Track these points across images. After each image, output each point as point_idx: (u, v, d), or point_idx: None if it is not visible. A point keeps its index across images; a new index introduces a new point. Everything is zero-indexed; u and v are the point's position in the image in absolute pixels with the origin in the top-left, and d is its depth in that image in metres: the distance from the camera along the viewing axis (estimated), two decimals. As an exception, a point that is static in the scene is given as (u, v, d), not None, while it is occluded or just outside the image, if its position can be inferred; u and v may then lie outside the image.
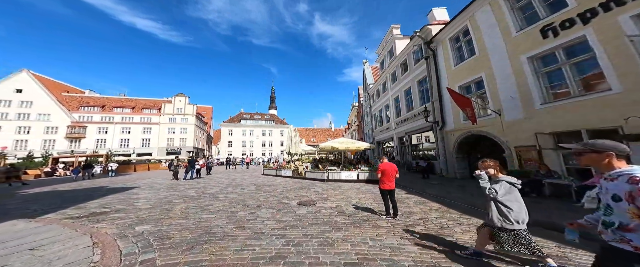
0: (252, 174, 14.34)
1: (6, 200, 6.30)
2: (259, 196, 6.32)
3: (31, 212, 4.63)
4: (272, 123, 59.67)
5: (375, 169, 8.71)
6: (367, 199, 5.75)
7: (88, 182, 10.81)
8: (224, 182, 9.50)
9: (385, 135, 16.95)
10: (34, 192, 7.79)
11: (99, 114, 36.78)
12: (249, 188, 7.81)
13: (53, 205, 5.26)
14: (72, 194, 7.00)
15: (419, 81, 11.68)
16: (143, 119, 39.58)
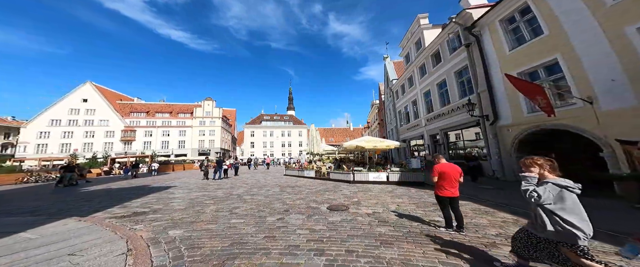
0: (274, 174, 14.41)
1: (69, 197, 7.12)
2: (285, 198, 6.04)
3: (84, 210, 5.01)
4: (290, 124, 60.83)
5: (409, 169, 8.19)
6: (407, 204, 4.97)
7: (135, 181, 12.01)
8: (249, 183, 9.55)
9: (412, 133, 15.48)
10: (92, 189, 8.80)
11: (144, 119, 41.86)
12: (274, 190, 7.63)
13: (103, 203, 5.69)
14: (121, 193, 7.64)
15: (457, 72, 10.22)
16: (179, 123, 43.86)
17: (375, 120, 33.14)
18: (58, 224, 3.29)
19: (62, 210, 5.08)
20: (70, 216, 4.10)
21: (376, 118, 32.50)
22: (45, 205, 5.70)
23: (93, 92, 38.78)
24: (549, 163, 1.78)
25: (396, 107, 19.37)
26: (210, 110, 46.38)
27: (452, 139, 11.42)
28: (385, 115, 25.35)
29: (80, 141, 36.84)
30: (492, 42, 7.65)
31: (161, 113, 44.04)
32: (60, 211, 5.03)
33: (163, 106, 46.58)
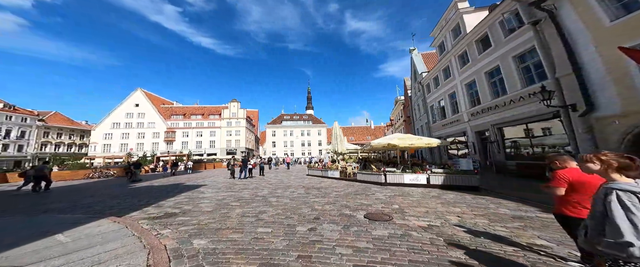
0: (296, 174, 14.10)
1: (120, 193, 7.72)
2: (312, 202, 5.49)
3: (125, 208, 5.16)
4: (309, 123, 61.00)
5: (457, 171, 6.59)
6: (471, 216, 3.92)
7: (173, 178, 12.98)
8: (272, 183, 9.29)
9: (450, 129, 13.49)
10: (139, 186, 9.58)
11: (182, 120, 46.62)
12: (299, 191, 7.15)
13: (141, 201, 5.88)
14: (159, 191, 8.05)
15: (518, 56, 8.36)
16: (209, 124, 47.69)
17: (400, 118, 30.68)
18: (94, 225, 3.23)
19: (107, 208, 5.34)
20: (110, 215, 4.19)
21: (401, 115, 30.05)
22: (97, 201, 6.16)
23: (142, 97, 44.70)
24: (621, 161, 1.26)
25: (427, 102, 17.32)
26: (235, 112, 49.32)
27: (508, 135, 9.38)
28: (412, 112, 23.12)
29: (134, 141, 42.82)
30: (577, 14, 5.79)
31: (195, 115, 48.46)
32: (106, 208, 5.29)
33: (196, 108, 51.25)
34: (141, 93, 44.91)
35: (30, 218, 3.94)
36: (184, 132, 45.63)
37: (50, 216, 4.03)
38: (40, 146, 38.72)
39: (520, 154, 8.68)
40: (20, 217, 4.11)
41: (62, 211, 4.92)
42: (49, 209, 5.30)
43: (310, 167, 13.58)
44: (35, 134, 37.98)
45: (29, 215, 4.46)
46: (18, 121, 35.96)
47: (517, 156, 8.69)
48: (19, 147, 35.82)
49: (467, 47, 11.29)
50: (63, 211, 4.91)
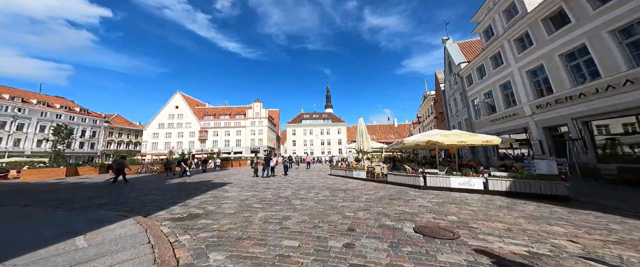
0: (318, 173, 13.59)
1: (154, 189, 8.16)
2: (341, 206, 4.79)
3: (154, 206, 5.17)
4: (329, 121, 60.23)
5: (530, 176, 4.95)
6: (592, 240, 2.75)
7: (204, 175, 13.71)
8: (295, 183, 8.83)
9: (502, 125, 11.23)
10: (174, 182, 10.18)
11: (213, 120, 50.71)
12: (324, 193, 6.49)
13: (170, 199, 5.92)
14: (188, 187, 8.30)
15: (619, 30, 6.18)
16: (236, 124, 50.84)
17: (429, 114, 27.64)
18: (118, 226, 3.06)
19: (142, 204, 5.46)
20: (140, 213, 4.16)
21: (431, 111, 27.02)
22: (132, 198, 6.45)
23: (181, 100, 50.05)
24: None
25: (467, 95, 14.86)
26: (258, 111, 51.53)
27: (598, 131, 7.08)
28: (446, 107, 20.41)
29: (175, 140, 48.31)
30: None
31: (224, 115, 52.22)
32: (141, 205, 5.41)
33: (225, 109, 55.19)
34: (180, 96, 50.32)
35: (68, 215, 4.07)
36: (214, 131, 49.56)
37: (92, 212, 4.12)
38: (106, 143, 46.63)
39: (620, 154, 6.40)
40: (65, 213, 4.29)
41: (105, 206, 5.17)
42: (99, 204, 5.67)
43: (333, 166, 12.82)
44: (102, 133, 45.85)
45: (71, 210, 4.74)
46: (90, 123, 43.79)
47: (614, 157, 6.44)
48: (91, 145, 43.68)
49: (529, 27, 9.06)
50: (106, 206, 5.16)
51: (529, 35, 9.19)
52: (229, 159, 27.07)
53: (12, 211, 4.39)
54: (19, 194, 7.60)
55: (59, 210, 4.38)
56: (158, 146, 47.37)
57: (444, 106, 21.25)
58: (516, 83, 10.00)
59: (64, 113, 39.30)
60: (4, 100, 32.07)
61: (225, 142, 49.34)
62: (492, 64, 11.88)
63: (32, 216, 3.77)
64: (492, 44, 11.22)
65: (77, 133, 40.46)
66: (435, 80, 24.75)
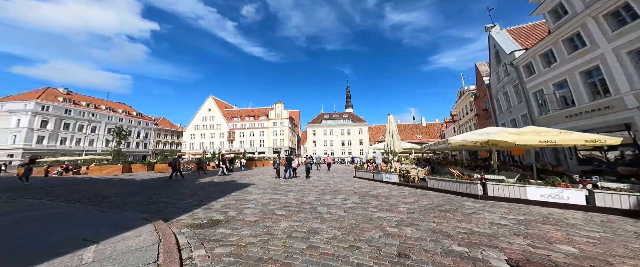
0: (341, 175, 12.77)
1: (184, 189, 8.48)
2: (377, 218, 3.95)
3: (178, 208, 5.09)
4: (350, 121, 58.49)
5: None
6: None
7: (230, 175, 14.22)
8: (318, 186, 8.19)
9: (586, 122, 8.66)
10: (203, 181, 10.60)
11: (239, 122, 54.14)
12: (353, 199, 5.68)
13: (196, 201, 5.84)
14: (215, 187, 8.39)
15: None
16: (259, 125, 53.29)
17: (468, 111, 24.08)
18: (134, 234, 2.82)
19: (167, 205, 5.48)
20: (164, 217, 4.04)
21: (470, 108, 23.50)
22: (165, 197, 6.66)
23: (213, 103, 54.81)
24: None
25: (527, 87, 12.17)
26: (280, 112, 53.04)
27: None
28: (492, 103, 17.32)
29: (208, 141, 53.09)
30: None
31: (249, 117, 55.28)
32: (166, 206, 5.43)
33: (250, 111, 58.43)
34: (212, 100, 55.18)
35: (97, 216, 4.12)
36: (241, 132, 52.80)
37: (119, 214, 4.14)
38: (155, 144, 54.00)
39: None
40: (97, 213, 4.40)
41: (139, 206, 5.32)
42: (134, 202, 5.94)
43: (358, 168, 11.81)
44: (152, 135, 53.22)
45: (106, 210, 4.93)
46: (144, 125, 51.21)
47: None
48: (144, 144, 51.07)
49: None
50: (139, 206, 5.32)
51: (630, 7, 6.76)
52: (253, 159, 28.15)
53: (50, 208, 4.75)
54: (78, 188, 8.74)
55: (96, 209, 4.57)
56: (195, 146, 52.74)
57: (488, 102, 18.11)
58: (611, 68, 7.48)
59: (124, 117, 46.86)
60: (81, 107, 39.81)
61: (250, 142, 52.12)
62: (566, 47, 9.28)
63: (61, 216, 3.90)
64: (567, 24, 8.74)
65: (134, 134, 47.81)
66: (475, 73, 21.39)
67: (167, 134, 57.94)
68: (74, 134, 37.66)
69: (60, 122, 35.79)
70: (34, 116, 32.61)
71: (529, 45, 12.89)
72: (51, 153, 32.43)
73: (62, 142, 35.89)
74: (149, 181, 10.73)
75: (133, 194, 6.74)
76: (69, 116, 37.04)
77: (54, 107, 35.12)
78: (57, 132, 35.21)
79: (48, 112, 34.30)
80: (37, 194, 7.40)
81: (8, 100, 33.09)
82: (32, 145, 32.11)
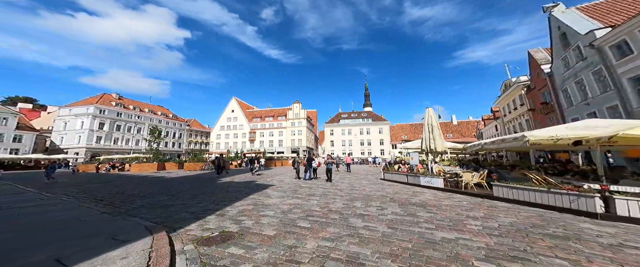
0: (365, 176, 11.52)
1: (200, 190, 8.23)
2: (446, 241, 2.72)
3: (188, 215, 4.57)
4: (369, 120, 55.86)
5: None
6: None
7: (249, 175, 14.08)
8: (343, 189, 7.12)
9: None
10: (223, 181, 10.42)
11: (259, 122, 56.02)
12: (392, 209, 4.56)
13: (209, 205, 5.29)
14: (233, 189, 7.96)
15: None
16: (278, 125, 54.32)
17: (518, 106, 20.32)
18: (117, 255, 2.18)
19: (178, 211, 5.04)
20: (172, 224, 3.49)
21: (520, 102, 19.76)
22: (182, 200, 6.34)
23: (236, 104, 57.79)
24: None
25: (618, 72, 9.28)
26: (298, 112, 53.24)
27: None
28: (556, 95, 14.03)
29: (232, 141, 56.13)
30: None
31: (268, 117, 56.83)
32: (176, 211, 4.98)
33: (269, 111, 60.09)
34: (235, 101, 58.27)
35: (100, 222, 3.71)
36: (261, 132, 54.53)
37: (125, 222, 3.68)
38: (188, 143, 59.29)
39: None
40: (105, 218, 4.04)
41: (154, 208, 4.98)
42: (151, 203, 5.69)
43: (387, 169, 10.37)
44: (185, 135, 58.52)
45: (115, 213, 4.62)
46: (178, 126, 56.58)
47: None
48: (179, 144, 56.41)
49: None
50: (154, 209, 4.97)
51: None
52: (273, 159, 28.33)
53: (65, 207, 4.59)
54: (110, 184, 9.20)
55: (105, 213, 4.23)
56: (220, 146, 56.26)
57: (549, 94, 14.73)
58: None
59: (162, 118, 52.37)
60: (129, 110, 45.55)
61: (270, 142, 53.42)
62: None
63: (66, 223, 3.55)
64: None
65: (170, 135, 53.15)
66: (529, 62, 17.74)
67: (197, 134, 63.04)
68: (124, 135, 43.27)
69: (113, 123, 41.45)
70: (94, 119, 38.31)
71: (614, 21, 9.90)
72: (107, 151, 37.69)
73: (115, 142, 41.52)
74: (175, 180, 10.98)
75: (153, 194, 6.58)
76: (119, 118, 42.68)
77: (108, 110, 40.81)
78: (111, 133, 40.86)
79: (104, 115, 39.98)
80: (65, 191, 7.49)
81: (75, 105, 39.54)
82: (93, 144, 37.74)
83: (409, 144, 12.52)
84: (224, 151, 46.55)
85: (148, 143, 25.48)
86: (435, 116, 7.69)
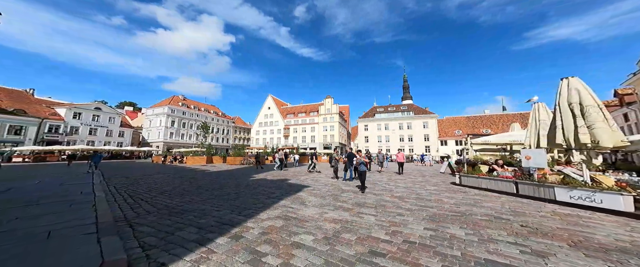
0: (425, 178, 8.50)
1: (228, 189, 7.45)
2: None
3: (191, 233, 3.36)
4: (410, 114, 48.91)
5: None
6: None
7: (283, 172, 13.31)
8: (404, 198, 4.85)
9: None
10: (256, 178, 9.73)
11: (293, 118, 57.37)
12: (535, 246, 2.19)
13: (226, 217, 4.14)
14: (263, 189, 6.89)
15: None
16: (310, 121, 54.19)
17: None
18: None
19: (192, 219, 3.98)
20: (166, 248, 2.27)
21: None
22: (195, 204, 5.47)
23: (272, 102, 61.00)
24: None
25: None
26: (330, 107, 51.53)
27: None
28: None
29: (268, 136, 59.79)
30: None
31: (301, 113, 57.52)
32: (191, 219, 3.94)
33: (302, 107, 60.81)
34: (271, 99, 61.58)
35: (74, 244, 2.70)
36: (294, 128, 55.76)
37: (110, 242, 2.64)
38: (233, 139, 66.95)
39: None
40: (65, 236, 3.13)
41: (164, 215, 4.12)
42: (168, 203, 5.00)
43: (458, 171, 7.31)
44: (231, 131, 66.14)
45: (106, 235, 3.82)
46: (226, 124, 64.32)
47: None
48: (227, 140, 64.27)
49: None
50: (164, 215, 4.11)
51: None
52: (306, 155, 27.69)
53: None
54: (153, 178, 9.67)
55: (94, 235, 3.46)
56: (259, 142, 60.87)
57: None
58: None
59: (214, 116, 60.50)
60: (190, 109, 54.41)
61: (302, 138, 54.00)
62: None
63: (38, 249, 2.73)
64: None
65: (220, 131, 61.05)
66: None
67: (241, 130, 70.25)
68: (188, 131, 52.03)
69: (180, 121, 50.30)
70: (167, 117, 47.30)
71: None
72: (177, 146, 46.11)
73: (181, 137, 50.45)
74: (213, 174, 11.02)
75: (181, 192, 5.86)
76: (184, 117, 51.42)
77: (176, 110, 49.66)
78: (179, 129, 49.74)
79: (174, 114, 48.88)
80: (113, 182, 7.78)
81: (156, 107, 49.83)
82: (167, 139, 46.81)
83: (492, 138, 8.82)
84: (262, 146, 49.85)
85: (197, 137, 28.79)
86: (588, 89, 4.34)
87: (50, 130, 31.92)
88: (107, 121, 39.70)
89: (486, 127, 41.96)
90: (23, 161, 22.09)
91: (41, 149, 25.34)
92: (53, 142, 31.02)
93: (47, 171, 11.89)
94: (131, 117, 55.08)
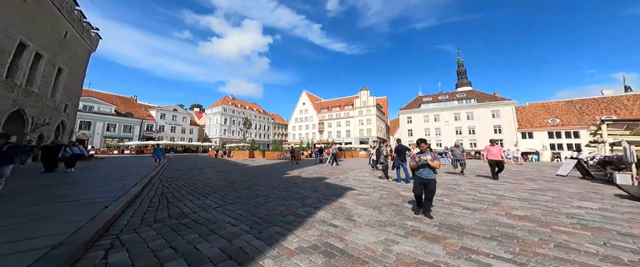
0: (533, 184, 4.88)
1: (260, 187, 6.66)
2: None
3: (197, 260, 2.29)
4: (472, 102, 39.47)
5: None
6: None
7: (319, 168, 12.22)
8: (545, 224, 2.51)
9: None
10: (291, 175, 8.93)
11: (327, 113, 56.48)
12: None
13: (237, 244, 3.05)
14: (292, 190, 5.79)
15: None
16: (345, 115, 51.80)
17: None
18: None
19: (201, 236, 3.04)
20: None
21: None
22: (213, 211, 4.69)
23: (306, 97, 61.94)
24: None
25: None
26: (366, 100, 47.58)
27: None
28: None
29: (304, 132, 61.36)
30: None
31: (335, 107, 55.84)
32: (188, 242, 3.00)
33: (335, 101, 59.00)
34: (305, 94, 62.58)
35: None
36: (329, 123, 54.77)
37: None
38: (273, 135, 72.35)
39: None
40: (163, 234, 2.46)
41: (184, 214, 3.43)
42: (187, 214, 4.41)
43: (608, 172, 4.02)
44: (271, 128, 71.57)
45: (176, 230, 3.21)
46: (266, 120, 69.97)
47: None
48: (267, 136, 70.05)
49: None
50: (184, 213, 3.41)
51: None
52: (342, 150, 26.09)
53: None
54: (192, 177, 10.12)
55: None
56: (295, 137, 63.34)
57: None
58: None
59: (257, 114, 66.77)
60: (239, 108, 61.73)
61: (337, 132, 52.42)
62: None
63: None
64: None
65: (261, 127, 67.03)
66: None
67: (279, 126, 75.03)
68: (236, 128, 59.44)
69: (230, 119, 57.83)
70: (221, 116, 55.13)
71: None
72: (229, 141, 53.47)
73: (232, 133, 58.12)
74: (250, 169, 11.00)
75: (210, 191, 5.26)
76: (233, 115, 58.76)
77: (227, 108, 57.19)
78: (230, 126, 57.37)
79: (226, 112, 56.52)
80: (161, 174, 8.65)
81: (213, 107, 58.93)
82: (222, 135, 54.76)
83: None
84: (298, 141, 51.41)
85: (239, 133, 31.56)
86: None
87: (147, 129, 42.59)
88: (181, 120, 49.64)
89: (608, 112, 28.88)
90: (130, 153, 30.12)
91: (142, 144, 33.81)
92: (149, 138, 41.36)
93: (136, 161, 15.01)
94: (198, 116, 67.21)
